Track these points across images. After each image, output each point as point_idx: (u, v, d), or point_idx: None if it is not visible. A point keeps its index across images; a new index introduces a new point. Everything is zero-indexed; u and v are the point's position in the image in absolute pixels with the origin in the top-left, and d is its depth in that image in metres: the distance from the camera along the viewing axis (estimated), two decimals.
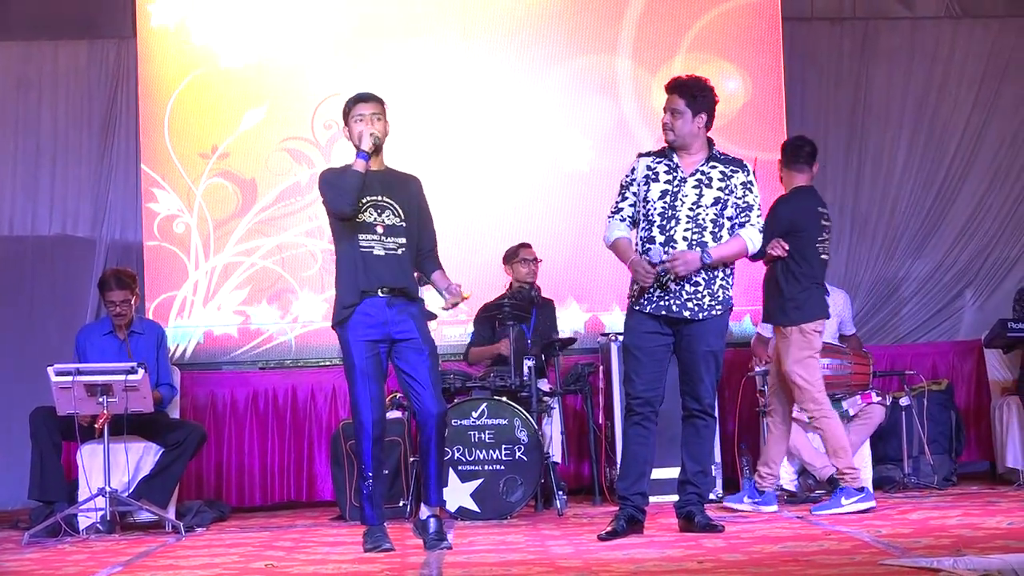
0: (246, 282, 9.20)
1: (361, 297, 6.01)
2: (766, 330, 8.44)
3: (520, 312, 7.92)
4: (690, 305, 6.18)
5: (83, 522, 7.33)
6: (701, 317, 6.20)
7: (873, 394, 8.13)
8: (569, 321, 9.14)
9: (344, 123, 6.16)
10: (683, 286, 6.16)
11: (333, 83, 9.21)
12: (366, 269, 6.02)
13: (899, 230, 9.78)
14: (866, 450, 8.14)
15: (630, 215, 6.34)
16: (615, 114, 9.37)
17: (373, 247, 6.04)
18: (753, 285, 9.15)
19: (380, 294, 6.02)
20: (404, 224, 6.11)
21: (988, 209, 9.80)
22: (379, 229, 6.05)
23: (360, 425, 6.01)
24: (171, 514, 7.52)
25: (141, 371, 7.18)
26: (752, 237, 6.26)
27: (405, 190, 6.17)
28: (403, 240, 6.10)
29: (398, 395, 7.69)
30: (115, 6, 9.55)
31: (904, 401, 8.24)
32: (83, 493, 7.39)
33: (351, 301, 6.02)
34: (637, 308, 6.26)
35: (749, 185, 6.28)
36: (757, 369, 8.19)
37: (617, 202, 6.38)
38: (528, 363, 7.73)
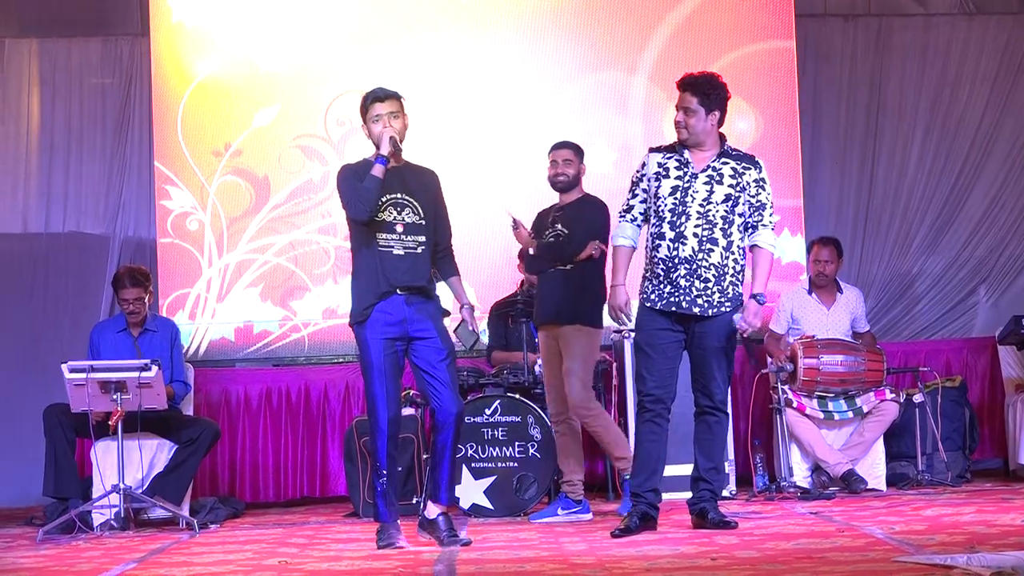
0: (259, 279, 9.21)
1: (379, 298, 6.01)
2: (779, 327, 8.45)
3: (533, 309, 7.91)
4: (700, 302, 6.18)
5: (97, 519, 7.36)
6: (711, 314, 6.20)
7: (887, 391, 8.13)
8: None
9: (362, 120, 6.15)
10: (693, 283, 6.16)
11: (345, 80, 9.21)
12: (384, 270, 6.01)
13: (913, 226, 9.76)
14: (880, 447, 8.14)
15: (641, 212, 6.34)
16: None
17: (392, 247, 6.04)
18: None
19: (399, 293, 6.03)
20: (424, 221, 6.10)
21: (1002, 205, 9.78)
22: (399, 228, 6.05)
23: (376, 423, 6.01)
24: (185, 511, 7.54)
25: (155, 368, 7.19)
26: (771, 241, 6.28)
27: (424, 186, 6.16)
28: (423, 238, 6.09)
29: (412, 392, 7.70)
30: (129, 4, 9.57)
31: (918, 398, 8.22)
32: (97, 490, 7.42)
33: (369, 302, 6.02)
34: (648, 305, 6.26)
35: (762, 183, 6.27)
36: (772, 366, 8.18)
37: (628, 199, 6.39)
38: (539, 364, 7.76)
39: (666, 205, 6.20)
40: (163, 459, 7.66)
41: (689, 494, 6.47)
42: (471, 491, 7.43)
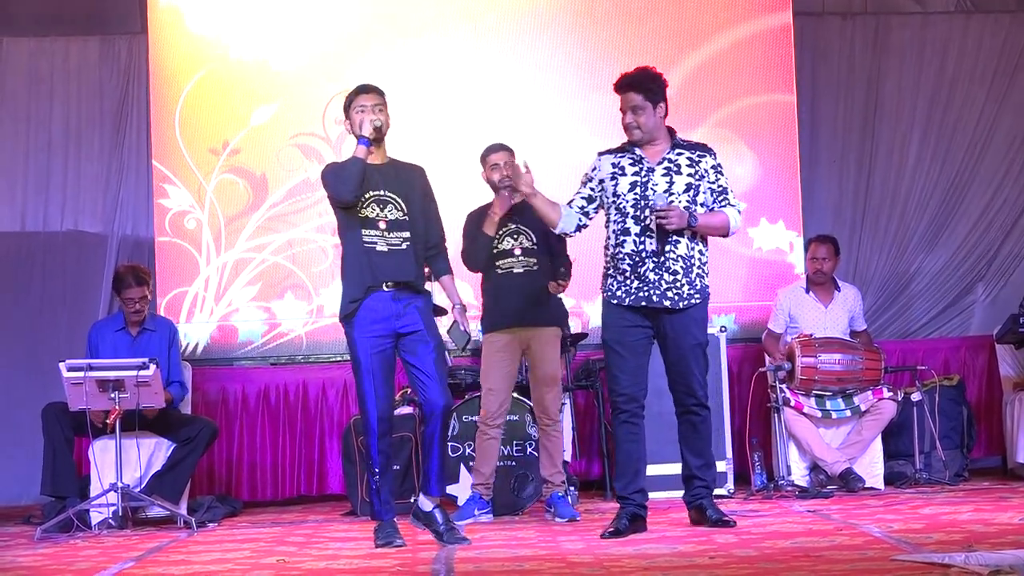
0: (257, 278, 9.20)
1: (367, 292, 6.01)
2: (777, 326, 8.45)
3: None
4: (670, 295, 6.16)
5: (95, 517, 7.35)
6: (681, 307, 6.18)
7: (884, 389, 8.13)
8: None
9: (345, 116, 6.17)
10: (662, 275, 6.14)
11: (344, 79, 9.15)
12: (371, 265, 6.01)
13: (910, 225, 9.75)
14: (878, 445, 8.15)
15: (580, 207, 6.31)
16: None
17: (376, 243, 6.04)
18: (760, 282, 9.16)
19: (385, 288, 6.03)
20: (407, 217, 6.10)
21: (1000, 204, 9.78)
22: (381, 225, 6.05)
23: (367, 421, 6.02)
24: (183, 509, 7.55)
25: (153, 367, 7.20)
26: (735, 217, 6.26)
27: (407, 182, 6.17)
28: (407, 234, 6.09)
29: (408, 391, 7.69)
30: (127, 2, 9.56)
31: (916, 396, 8.22)
32: (95, 488, 7.41)
33: (356, 296, 6.03)
34: (615, 302, 6.24)
35: (719, 168, 6.29)
36: (769, 365, 8.18)
37: (574, 195, 6.37)
38: None
39: (627, 201, 6.19)
40: (161, 458, 7.66)
41: (680, 492, 6.48)
42: (469, 489, 7.42)
